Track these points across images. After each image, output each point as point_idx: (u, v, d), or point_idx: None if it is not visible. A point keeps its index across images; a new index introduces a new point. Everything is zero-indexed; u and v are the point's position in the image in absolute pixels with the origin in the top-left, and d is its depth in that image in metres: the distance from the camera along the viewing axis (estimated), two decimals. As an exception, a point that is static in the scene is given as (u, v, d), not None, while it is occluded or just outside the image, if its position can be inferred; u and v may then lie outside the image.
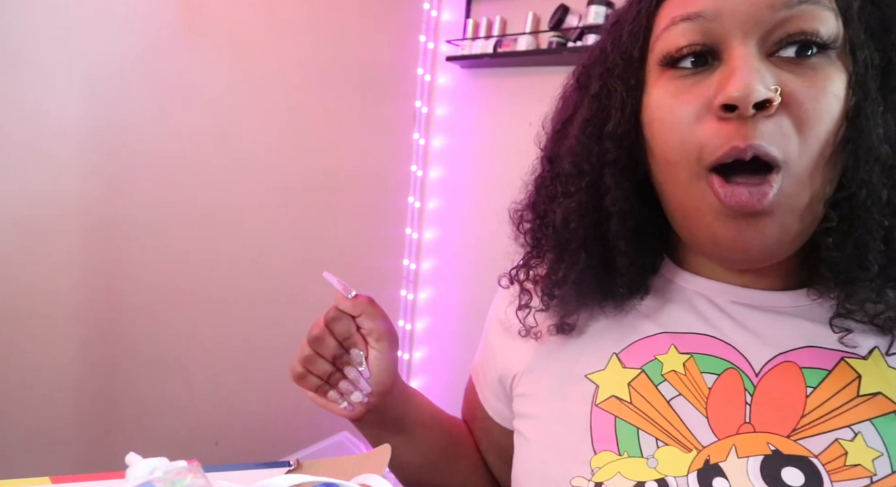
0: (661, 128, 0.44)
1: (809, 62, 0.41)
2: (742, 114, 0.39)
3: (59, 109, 1.46)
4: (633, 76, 0.47)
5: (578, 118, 0.50)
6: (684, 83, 0.43)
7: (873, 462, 0.39)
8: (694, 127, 0.42)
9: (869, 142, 0.40)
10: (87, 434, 1.60)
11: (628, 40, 0.47)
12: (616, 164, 0.47)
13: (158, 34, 1.60)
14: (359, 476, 0.44)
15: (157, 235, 1.67)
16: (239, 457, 1.87)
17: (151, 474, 0.41)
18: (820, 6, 0.40)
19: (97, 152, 1.53)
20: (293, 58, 1.91)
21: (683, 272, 0.51)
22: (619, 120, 0.47)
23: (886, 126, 0.40)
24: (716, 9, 0.42)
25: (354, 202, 2.16)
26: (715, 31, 0.42)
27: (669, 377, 0.47)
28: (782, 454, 0.41)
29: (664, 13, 0.45)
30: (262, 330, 1.93)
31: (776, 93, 0.39)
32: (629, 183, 0.47)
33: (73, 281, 1.54)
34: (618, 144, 0.47)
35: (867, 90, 0.40)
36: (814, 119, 0.40)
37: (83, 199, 1.52)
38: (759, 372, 0.45)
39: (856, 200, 0.41)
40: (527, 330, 0.55)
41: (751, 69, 0.39)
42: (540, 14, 2.00)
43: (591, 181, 0.48)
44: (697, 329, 0.48)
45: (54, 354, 1.53)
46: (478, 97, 2.25)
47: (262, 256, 1.91)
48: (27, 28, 1.38)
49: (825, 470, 0.39)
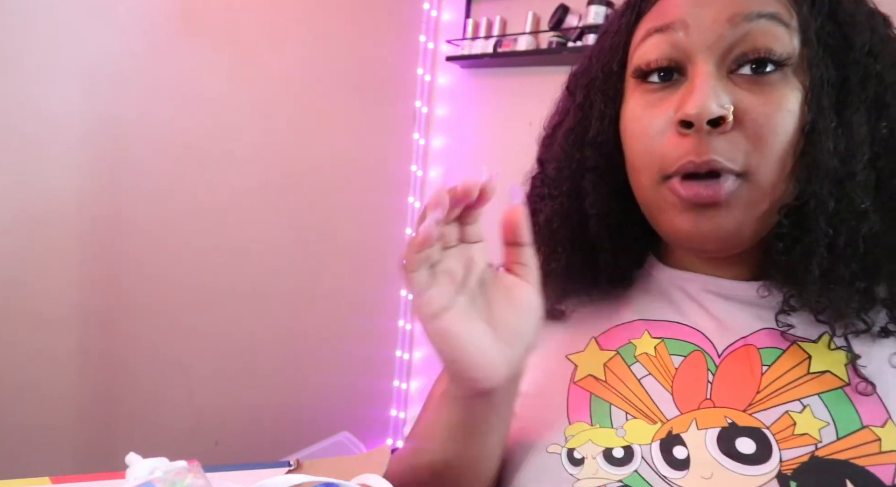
0: (632, 138, 0.49)
1: (766, 79, 0.44)
2: (698, 129, 0.43)
3: (58, 106, 1.46)
4: (612, 87, 0.51)
5: (565, 125, 0.55)
6: (654, 97, 0.48)
7: (819, 431, 0.43)
8: (658, 139, 0.47)
9: (820, 157, 0.43)
10: (87, 434, 1.60)
11: (609, 53, 0.52)
12: (595, 170, 0.52)
13: (158, 32, 1.60)
14: (359, 476, 0.44)
15: (156, 234, 1.67)
16: (239, 457, 1.87)
17: (151, 474, 0.41)
18: (777, 22, 0.44)
19: (97, 149, 1.53)
20: (293, 57, 1.91)
21: (662, 266, 0.56)
22: (598, 129, 0.52)
23: (837, 141, 0.43)
24: (683, 22, 0.46)
25: (354, 202, 2.16)
26: (682, 43, 0.46)
27: (641, 358, 0.51)
28: (737, 426, 0.45)
29: (641, 28, 0.49)
30: (263, 330, 1.93)
31: (729, 111, 0.43)
32: (608, 187, 0.52)
33: (73, 281, 1.54)
34: (597, 151, 0.52)
35: (821, 107, 0.43)
36: (768, 133, 0.43)
37: (82, 196, 1.52)
38: (722, 353, 0.49)
39: (805, 210, 0.44)
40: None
41: (708, 88, 0.43)
42: (540, 14, 2.00)
43: (571, 186, 0.53)
44: (669, 317, 0.53)
45: (54, 354, 1.53)
46: (478, 97, 2.25)
47: (261, 256, 1.91)
48: (27, 26, 1.38)
49: (775, 439, 0.44)
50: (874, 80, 0.45)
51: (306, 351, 2.07)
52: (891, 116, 0.45)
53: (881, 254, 0.44)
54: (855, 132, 0.44)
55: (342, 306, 2.16)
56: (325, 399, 2.13)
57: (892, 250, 0.44)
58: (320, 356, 2.11)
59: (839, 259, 0.44)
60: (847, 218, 0.43)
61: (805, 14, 0.44)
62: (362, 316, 2.25)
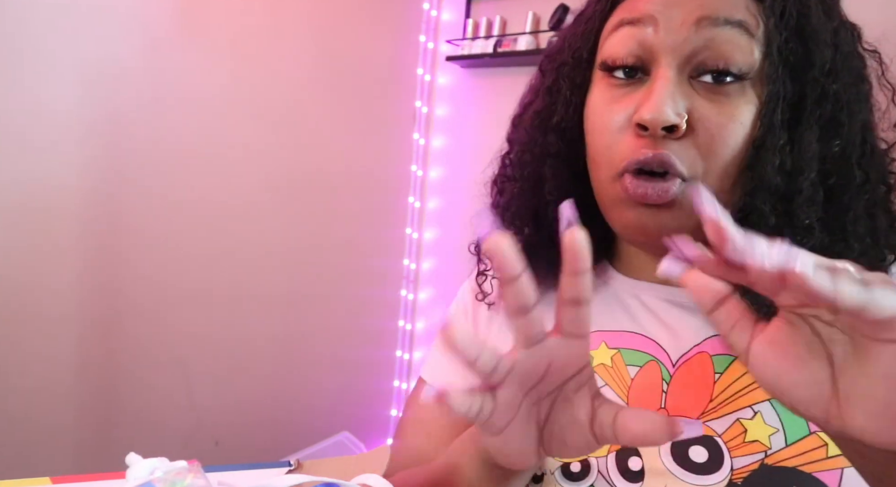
0: (593, 131, 0.50)
1: (724, 89, 0.45)
2: (652, 134, 0.44)
3: (58, 106, 1.46)
4: (580, 75, 0.52)
5: (533, 107, 0.55)
6: (618, 92, 0.48)
7: (769, 437, 0.44)
8: (617, 135, 0.47)
9: (765, 172, 0.44)
10: (87, 434, 1.60)
11: (580, 41, 0.52)
12: (557, 156, 0.52)
13: (158, 31, 1.60)
14: (359, 476, 0.44)
15: (156, 234, 1.67)
16: (239, 457, 1.87)
17: (151, 474, 0.41)
18: (742, 31, 0.44)
19: (97, 149, 1.53)
20: (293, 57, 1.91)
21: (619, 274, 0.56)
22: (563, 115, 0.52)
23: (784, 158, 0.44)
24: (652, 18, 0.46)
25: (354, 202, 2.16)
26: (649, 40, 0.46)
27: (598, 369, 0.52)
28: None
29: (615, 15, 0.49)
30: (263, 330, 1.93)
31: (683, 119, 0.44)
32: (567, 173, 0.52)
33: (73, 280, 1.54)
34: (560, 137, 0.52)
35: (773, 122, 0.44)
36: (718, 144, 0.44)
37: (82, 196, 1.52)
38: (676, 362, 0.50)
39: (748, 223, 0.44)
40: (484, 294, 0.59)
41: (665, 93, 0.44)
42: (540, 14, 2.00)
43: (532, 170, 0.54)
44: (625, 327, 0.53)
45: (53, 354, 1.53)
46: (478, 97, 2.25)
47: (261, 255, 1.91)
48: (28, 23, 1.38)
49: (726, 447, 0.45)
50: (831, 99, 0.45)
51: (306, 351, 2.07)
52: (843, 135, 0.45)
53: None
54: (805, 149, 0.44)
55: (342, 306, 2.16)
56: (326, 399, 2.13)
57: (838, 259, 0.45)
58: (320, 356, 2.11)
59: None
60: (789, 233, 0.43)
61: (771, 28, 0.44)
62: (362, 316, 2.25)
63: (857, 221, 0.45)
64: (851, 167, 0.45)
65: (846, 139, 0.45)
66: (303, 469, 0.52)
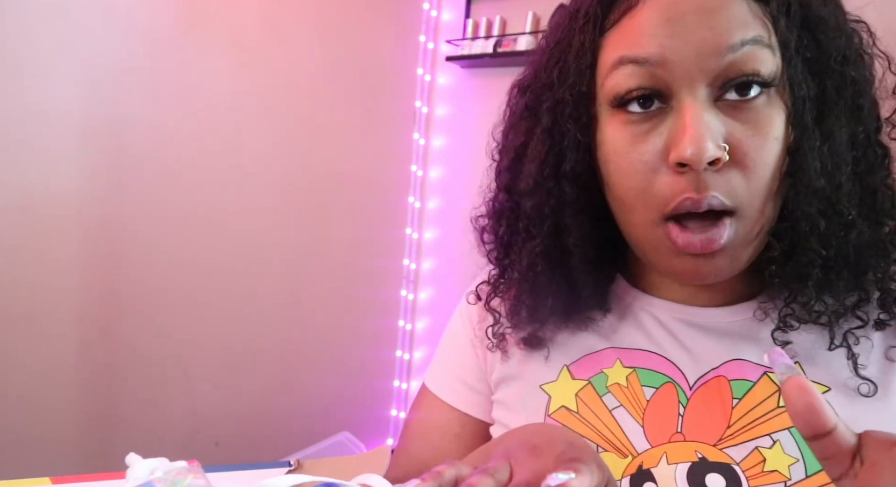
0: (619, 173, 0.46)
1: (752, 105, 0.42)
2: (694, 169, 0.42)
3: (58, 107, 1.46)
4: (585, 114, 0.47)
5: (533, 151, 0.50)
6: (639, 129, 0.44)
7: (789, 467, 0.43)
8: (650, 176, 0.44)
9: (807, 177, 0.43)
10: (87, 434, 1.60)
11: (576, 76, 0.47)
12: (575, 204, 0.49)
13: (160, 34, 1.60)
14: (359, 476, 0.44)
15: (156, 236, 1.67)
16: (239, 457, 1.87)
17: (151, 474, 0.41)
18: (761, 45, 0.42)
19: (97, 151, 1.53)
20: (293, 58, 1.91)
21: (635, 290, 0.55)
22: (575, 160, 0.48)
23: (823, 159, 0.43)
24: (662, 56, 0.42)
25: (355, 202, 2.16)
26: (661, 76, 0.43)
27: (613, 389, 0.51)
28: (707, 461, 0.45)
29: (608, 48, 0.45)
30: (263, 330, 1.93)
31: (724, 151, 0.41)
32: (589, 221, 0.49)
33: (73, 281, 1.54)
34: (574, 184, 0.48)
35: (805, 125, 0.43)
36: (759, 166, 0.42)
37: (82, 199, 1.52)
38: (693, 385, 0.49)
39: (796, 231, 0.44)
40: (495, 344, 0.57)
41: (702, 127, 0.41)
42: (540, 14, 2.00)
43: (552, 224, 0.50)
44: (641, 345, 0.52)
45: (54, 354, 1.53)
46: (478, 97, 2.25)
47: (261, 256, 1.91)
48: (28, 26, 1.38)
49: (745, 476, 0.44)
50: (849, 86, 0.44)
51: (306, 351, 2.06)
52: (863, 119, 0.45)
53: (869, 254, 0.44)
54: (837, 144, 0.43)
55: (342, 306, 2.16)
56: (326, 399, 2.13)
57: (877, 247, 0.45)
58: (320, 356, 2.11)
59: (832, 270, 0.44)
60: (836, 231, 0.43)
61: (784, 30, 0.43)
62: (362, 316, 2.25)
63: (884, 199, 0.45)
64: (872, 146, 0.45)
65: (867, 122, 0.45)
66: (303, 469, 0.52)
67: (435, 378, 0.63)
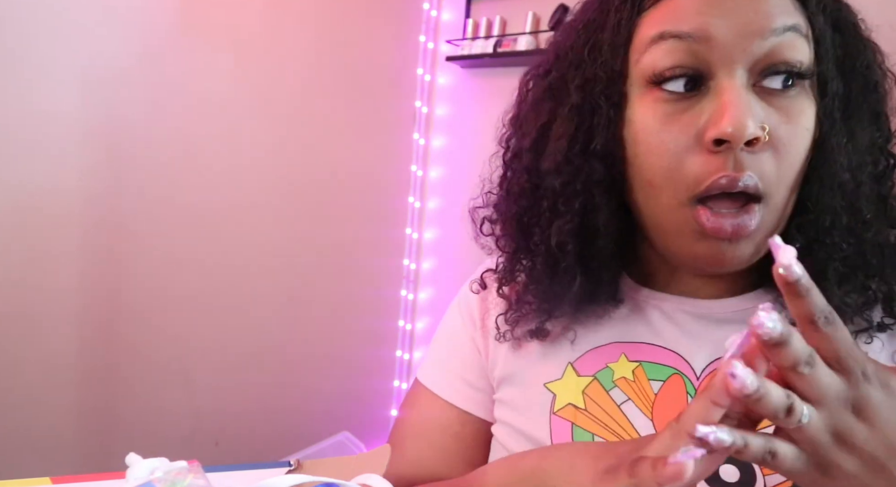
0: (648, 152, 0.45)
1: (788, 94, 0.43)
2: (731, 147, 0.41)
3: (58, 107, 1.46)
4: (617, 92, 0.47)
5: (559, 129, 0.49)
6: (673, 108, 0.44)
7: None
8: (682, 156, 0.43)
9: (833, 171, 0.43)
10: (87, 434, 1.60)
11: (609, 53, 0.47)
12: (603, 183, 0.48)
13: (159, 33, 1.60)
14: (359, 476, 0.44)
15: (156, 235, 1.67)
16: (239, 457, 1.87)
17: (151, 474, 0.41)
18: (800, 35, 0.43)
19: (97, 151, 1.53)
20: (293, 57, 1.91)
21: (637, 285, 0.55)
22: (606, 138, 0.47)
23: (848, 154, 0.44)
24: (705, 33, 0.42)
25: (355, 202, 2.16)
26: (702, 54, 0.42)
27: (620, 383, 0.51)
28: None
29: (646, 25, 0.45)
30: (263, 330, 1.93)
31: (765, 131, 0.41)
32: (616, 201, 0.48)
33: (73, 281, 1.54)
34: (603, 162, 0.47)
35: (833, 120, 0.44)
36: (791, 154, 0.43)
37: (81, 199, 1.52)
38: (700, 375, 0.49)
39: (819, 224, 0.44)
40: (502, 334, 0.56)
41: (744, 105, 0.41)
42: (540, 14, 2.00)
43: (583, 201, 0.48)
44: (646, 338, 0.52)
45: (54, 354, 1.53)
46: (478, 97, 2.25)
47: (261, 255, 1.91)
48: (28, 26, 1.38)
49: (758, 466, 0.44)
50: (873, 92, 0.45)
51: (306, 351, 2.06)
52: (882, 127, 0.46)
53: (880, 256, 0.45)
54: (860, 143, 0.44)
55: (342, 306, 2.16)
56: (326, 399, 2.13)
57: (887, 251, 0.46)
58: (320, 356, 2.11)
59: (850, 267, 0.45)
60: (855, 228, 0.44)
61: (821, 25, 0.43)
62: (362, 316, 2.25)
63: (893, 207, 0.46)
64: (885, 154, 0.46)
65: (884, 129, 0.46)
66: (303, 469, 0.52)
67: (431, 374, 0.62)
